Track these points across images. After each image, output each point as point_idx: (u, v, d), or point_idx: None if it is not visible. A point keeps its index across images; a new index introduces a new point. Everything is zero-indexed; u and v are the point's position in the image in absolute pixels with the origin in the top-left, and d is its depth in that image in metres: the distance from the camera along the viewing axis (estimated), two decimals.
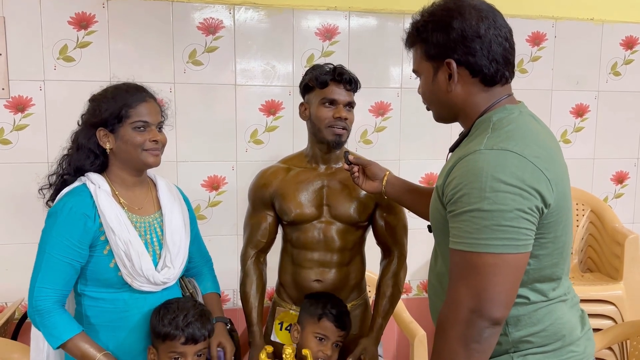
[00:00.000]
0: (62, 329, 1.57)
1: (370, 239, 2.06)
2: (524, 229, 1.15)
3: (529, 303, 1.27)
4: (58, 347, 1.57)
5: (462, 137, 1.36)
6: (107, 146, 1.64)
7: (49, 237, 1.59)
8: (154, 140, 1.65)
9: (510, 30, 1.33)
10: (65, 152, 1.72)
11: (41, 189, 1.73)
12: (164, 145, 1.70)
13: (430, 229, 1.44)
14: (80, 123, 1.71)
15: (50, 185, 1.72)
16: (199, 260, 1.93)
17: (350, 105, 1.93)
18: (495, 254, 1.14)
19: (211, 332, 1.70)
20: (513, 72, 1.35)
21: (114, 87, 1.69)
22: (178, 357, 1.64)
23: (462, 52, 1.28)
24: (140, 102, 1.64)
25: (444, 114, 1.41)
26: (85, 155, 1.67)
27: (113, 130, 1.63)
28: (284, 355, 1.80)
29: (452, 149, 1.40)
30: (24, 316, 2.56)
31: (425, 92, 1.40)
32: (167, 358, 1.64)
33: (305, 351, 1.82)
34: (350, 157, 1.87)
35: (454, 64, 1.29)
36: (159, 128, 1.70)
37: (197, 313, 1.67)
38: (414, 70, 1.42)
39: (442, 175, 1.30)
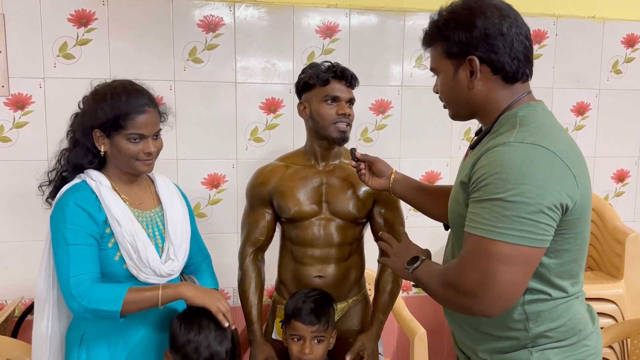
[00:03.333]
0: (115, 288, 1.55)
1: (369, 236, 2.05)
2: (543, 224, 1.16)
3: (550, 299, 1.29)
4: (122, 312, 1.52)
5: (484, 134, 1.36)
6: (102, 149, 1.64)
7: (65, 230, 1.56)
8: (147, 152, 1.64)
9: (529, 30, 1.35)
10: (64, 145, 1.71)
11: (41, 186, 1.72)
12: (159, 151, 1.69)
13: (446, 227, 1.44)
14: (80, 107, 1.68)
15: (50, 182, 1.71)
16: (198, 256, 1.93)
17: (351, 101, 1.94)
18: (511, 243, 1.15)
19: (228, 349, 1.66)
20: (532, 70, 1.36)
21: (115, 90, 1.62)
22: None
23: (485, 50, 1.29)
24: (138, 113, 1.60)
25: (462, 112, 1.41)
26: (83, 153, 1.66)
27: (109, 136, 1.62)
28: None
29: (472, 147, 1.40)
30: (24, 314, 2.56)
31: (444, 90, 1.40)
32: None
33: None
34: (358, 154, 1.87)
35: (476, 61, 1.29)
36: (155, 136, 1.67)
37: (218, 336, 1.63)
38: (431, 69, 1.42)
39: (466, 169, 1.30)
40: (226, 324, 1.60)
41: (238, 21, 2.73)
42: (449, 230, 1.47)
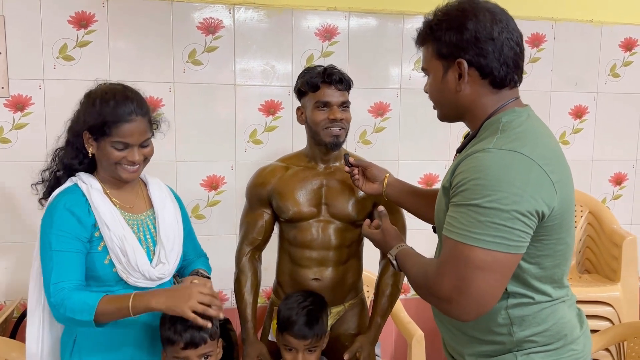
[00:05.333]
0: (89, 299, 1.51)
1: (367, 240, 2.06)
2: (517, 230, 1.16)
3: (533, 303, 1.29)
4: (96, 321, 1.49)
5: (470, 138, 1.37)
6: (90, 150, 1.63)
7: (51, 235, 1.57)
8: (130, 161, 1.62)
9: (521, 35, 1.34)
10: (62, 141, 1.71)
11: (35, 185, 1.72)
12: (148, 158, 1.68)
13: (435, 229, 1.45)
14: (75, 110, 1.68)
15: (43, 181, 1.71)
16: (193, 257, 1.92)
17: (345, 104, 1.93)
18: (486, 249, 1.16)
19: (214, 334, 1.64)
20: (521, 77, 1.36)
21: (105, 95, 1.61)
22: None
23: (474, 53, 1.29)
24: (123, 122, 1.58)
25: (449, 113, 1.42)
26: (74, 153, 1.66)
27: (96, 139, 1.61)
28: None
29: (459, 150, 1.41)
30: (23, 315, 2.56)
31: (432, 90, 1.41)
32: None
33: None
34: (351, 159, 1.88)
35: (465, 64, 1.30)
36: (144, 144, 1.65)
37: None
38: (423, 69, 1.43)
39: (448, 174, 1.32)
40: (208, 325, 1.52)
41: (237, 23, 2.74)
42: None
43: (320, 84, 1.89)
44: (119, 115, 1.58)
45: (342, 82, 1.91)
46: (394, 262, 1.48)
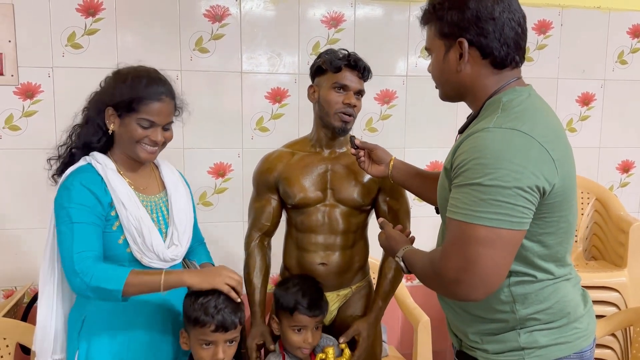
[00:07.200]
0: (118, 269, 1.54)
1: (373, 224, 2.07)
2: (520, 207, 1.17)
3: (536, 281, 1.30)
4: (123, 292, 1.50)
5: (471, 118, 1.38)
6: (111, 127, 1.64)
7: (70, 209, 1.56)
8: (153, 140, 1.64)
9: (524, 16, 1.34)
10: (77, 120, 1.72)
11: (50, 159, 1.72)
12: (166, 142, 1.70)
13: (437, 210, 1.46)
14: (101, 86, 1.69)
15: (59, 156, 1.72)
16: (194, 242, 1.92)
17: (360, 93, 1.94)
18: (489, 227, 1.17)
19: (242, 319, 1.64)
20: (523, 57, 1.37)
21: (138, 73, 1.65)
22: (209, 344, 1.60)
23: (475, 33, 1.29)
24: (154, 101, 1.61)
25: (450, 93, 1.43)
26: (93, 130, 1.67)
27: (120, 116, 1.62)
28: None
29: (461, 131, 1.42)
30: (33, 299, 2.59)
31: (435, 70, 1.42)
32: (198, 344, 1.61)
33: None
34: (357, 141, 1.89)
35: (465, 44, 1.31)
36: (166, 127, 1.67)
37: (228, 301, 1.60)
38: (426, 48, 1.44)
39: (449, 155, 1.33)
40: (238, 300, 1.59)
41: (244, 11, 2.75)
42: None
43: (343, 66, 1.90)
44: (150, 93, 1.61)
45: (365, 70, 1.92)
46: (402, 263, 1.48)
